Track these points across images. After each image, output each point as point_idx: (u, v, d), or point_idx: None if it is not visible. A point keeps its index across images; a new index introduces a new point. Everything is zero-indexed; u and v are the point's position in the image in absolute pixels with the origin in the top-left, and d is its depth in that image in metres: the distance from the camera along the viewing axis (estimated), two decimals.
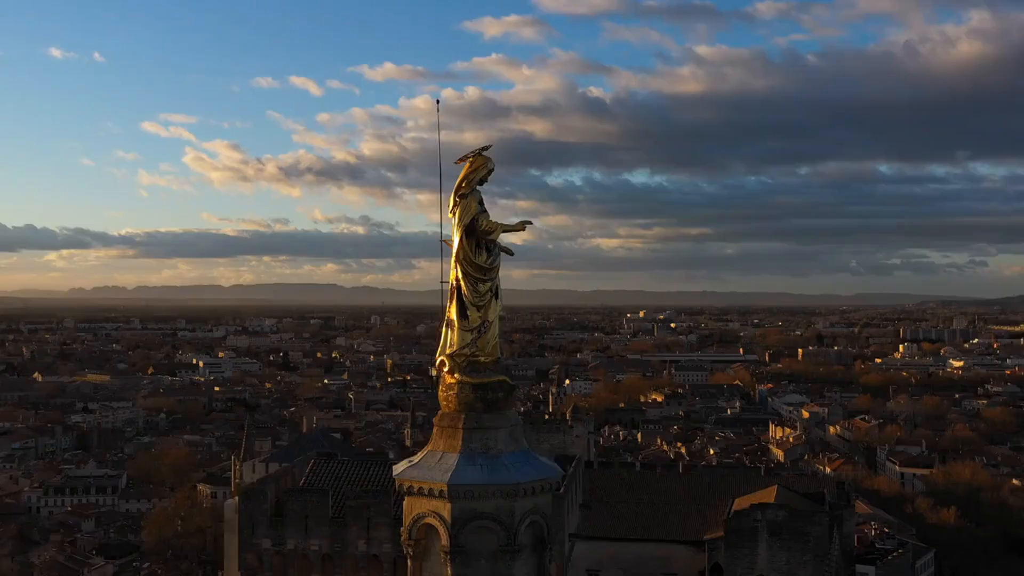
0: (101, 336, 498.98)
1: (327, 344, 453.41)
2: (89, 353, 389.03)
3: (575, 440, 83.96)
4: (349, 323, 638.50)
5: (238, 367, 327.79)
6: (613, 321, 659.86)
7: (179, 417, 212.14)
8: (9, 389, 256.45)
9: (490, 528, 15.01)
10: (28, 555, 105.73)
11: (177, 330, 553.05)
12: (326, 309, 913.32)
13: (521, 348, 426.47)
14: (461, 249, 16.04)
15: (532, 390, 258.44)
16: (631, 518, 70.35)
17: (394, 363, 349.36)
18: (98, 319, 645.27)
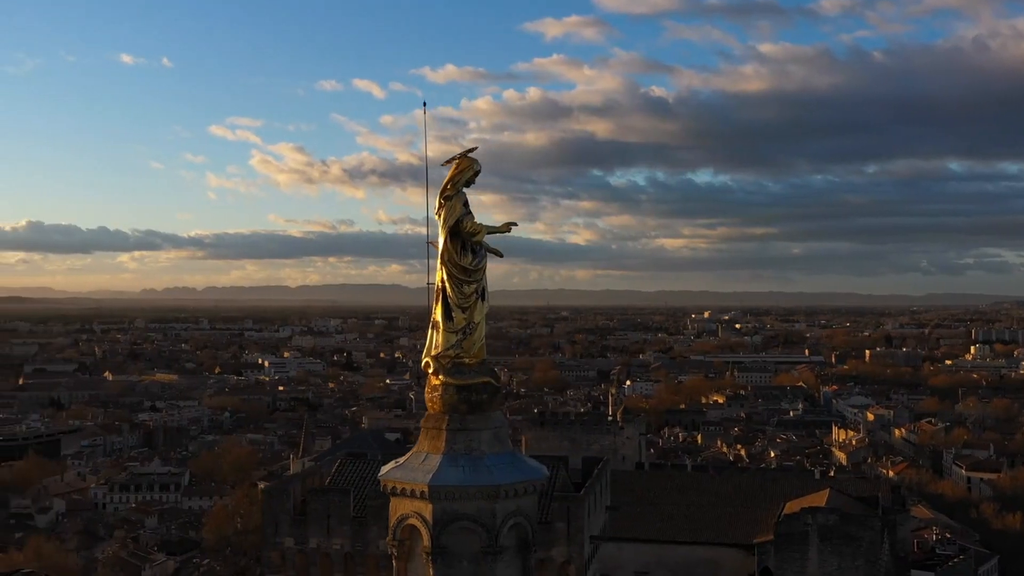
0: (171, 336, 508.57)
1: (390, 344, 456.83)
2: (158, 353, 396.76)
3: (626, 441, 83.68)
4: (413, 323, 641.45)
5: (302, 367, 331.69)
6: (677, 322, 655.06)
7: (243, 416, 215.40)
8: (81, 388, 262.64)
9: (471, 529, 15.01)
10: (93, 550, 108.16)
11: (244, 330, 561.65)
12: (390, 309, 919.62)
13: (583, 349, 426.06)
14: (446, 251, 16.07)
15: (593, 391, 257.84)
16: (680, 520, 69.97)
17: None
18: (168, 319, 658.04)
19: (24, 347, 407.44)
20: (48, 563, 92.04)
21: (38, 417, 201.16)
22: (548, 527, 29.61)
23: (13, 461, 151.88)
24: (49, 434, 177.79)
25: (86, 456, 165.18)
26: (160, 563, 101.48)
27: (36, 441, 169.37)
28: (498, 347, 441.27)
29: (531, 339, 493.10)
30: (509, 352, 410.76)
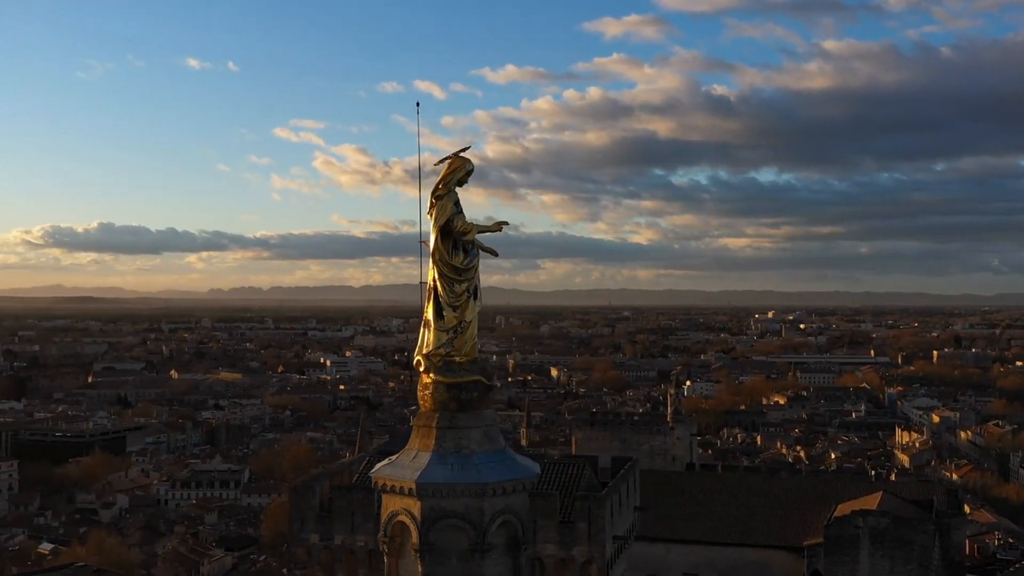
0: (236, 335, 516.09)
1: None
2: (224, 352, 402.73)
3: (676, 442, 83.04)
4: None
5: (363, 366, 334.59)
6: (740, 322, 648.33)
7: (303, 415, 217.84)
8: (147, 386, 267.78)
9: (459, 527, 15.07)
10: (154, 545, 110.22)
11: (307, 330, 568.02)
12: None
13: (644, 349, 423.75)
14: (436, 250, 16.14)
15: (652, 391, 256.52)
16: (729, 521, 69.20)
17: (516, 363, 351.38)
18: (234, 319, 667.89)
19: (94, 346, 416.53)
20: (109, 557, 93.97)
21: (105, 414, 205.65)
22: (570, 527, 29.55)
23: (80, 457, 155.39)
24: (115, 431, 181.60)
25: (150, 453, 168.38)
26: (218, 559, 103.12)
27: (103, 438, 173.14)
28: (559, 347, 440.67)
29: (592, 339, 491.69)
30: (569, 352, 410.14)
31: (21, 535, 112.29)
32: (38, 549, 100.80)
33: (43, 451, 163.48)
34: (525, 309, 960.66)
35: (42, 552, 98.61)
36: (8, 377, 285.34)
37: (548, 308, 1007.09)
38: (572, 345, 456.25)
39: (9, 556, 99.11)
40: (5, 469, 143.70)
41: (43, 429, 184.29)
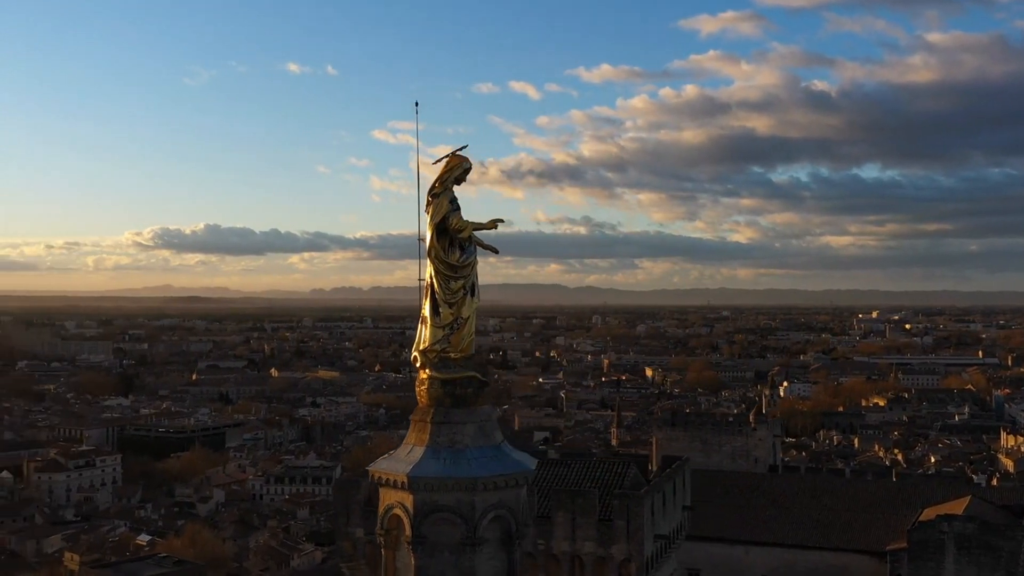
0: (336, 334, 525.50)
1: (547, 343, 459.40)
2: (323, 350, 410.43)
3: (758, 443, 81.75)
4: (570, 323, 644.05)
5: None
6: (843, 322, 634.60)
7: (397, 413, 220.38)
8: (248, 384, 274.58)
9: (451, 521, 15.25)
10: (247, 539, 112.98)
11: (406, 329, 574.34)
12: (549, 309, 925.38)
13: (742, 349, 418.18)
14: (432, 247, 16.36)
15: (748, 392, 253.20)
16: (811, 524, 68.03)
17: (611, 363, 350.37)
18: (334, 318, 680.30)
19: (200, 344, 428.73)
20: (203, 549, 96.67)
21: (207, 411, 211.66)
22: (608, 525, 29.53)
23: (181, 452, 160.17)
24: (215, 427, 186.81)
25: (247, 449, 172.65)
26: (308, 553, 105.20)
27: (203, 434, 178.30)
28: (655, 347, 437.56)
29: (689, 339, 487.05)
30: (666, 352, 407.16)
31: (123, 527, 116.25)
32: (136, 540, 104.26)
33: (147, 446, 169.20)
34: (622, 309, 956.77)
35: (140, 543, 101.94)
36: (117, 374, 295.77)
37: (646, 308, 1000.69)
38: (668, 345, 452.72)
39: (110, 546, 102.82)
40: (109, 463, 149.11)
41: (147, 425, 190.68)
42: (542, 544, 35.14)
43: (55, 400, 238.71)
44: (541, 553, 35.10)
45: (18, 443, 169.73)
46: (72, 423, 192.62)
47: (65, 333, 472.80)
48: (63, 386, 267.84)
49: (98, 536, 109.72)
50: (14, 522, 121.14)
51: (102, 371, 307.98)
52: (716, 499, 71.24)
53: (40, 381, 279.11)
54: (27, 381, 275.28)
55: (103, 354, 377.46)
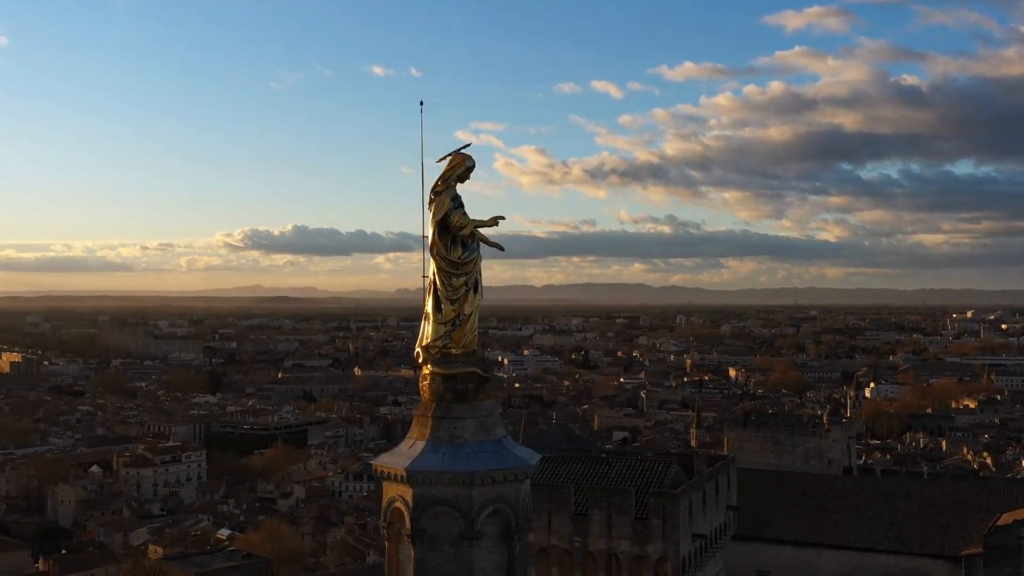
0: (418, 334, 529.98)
1: (630, 343, 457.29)
2: (407, 349, 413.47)
3: (832, 444, 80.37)
4: (654, 323, 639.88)
5: (540, 364, 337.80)
6: (936, 322, 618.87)
7: None
8: (332, 382, 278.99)
9: (449, 514, 15.43)
10: (324, 535, 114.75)
11: (488, 328, 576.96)
12: (633, 309, 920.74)
13: (829, 349, 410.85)
14: (434, 244, 16.57)
15: (834, 393, 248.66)
16: (884, 527, 66.65)
17: (694, 363, 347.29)
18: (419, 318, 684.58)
19: (287, 343, 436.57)
20: (280, 544, 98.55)
21: (291, 409, 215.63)
22: (644, 524, 29.30)
23: (264, 449, 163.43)
24: (298, 425, 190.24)
25: (329, 446, 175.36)
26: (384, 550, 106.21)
27: (286, 431, 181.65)
28: (739, 347, 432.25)
29: (775, 339, 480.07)
30: (750, 352, 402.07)
31: (205, 521, 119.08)
32: (217, 535, 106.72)
33: (231, 442, 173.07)
34: (707, 308, 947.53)
35: (220, 538, 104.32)
36: (206, 373, 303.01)
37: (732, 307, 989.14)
38: (753, 345, 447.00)
39: (191, 540, 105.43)
40: (195, 459, 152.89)
41: (233, 422, 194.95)
42: (578, 542, 35.23)
43: (146, 397, 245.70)
44: (578, 551, 35.18)
45: (109, 439, 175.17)
46: (161, 420, 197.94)
47: (158, 332, 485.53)
48: (154, 384, 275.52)
49: (181, 530, 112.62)
50: (103, 515, 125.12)
51: (192, 369, 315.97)
52: (787, 501, 70.27)
53: (133, 379, 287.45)
54: (120, 379, 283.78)
55: (193, 353, 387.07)
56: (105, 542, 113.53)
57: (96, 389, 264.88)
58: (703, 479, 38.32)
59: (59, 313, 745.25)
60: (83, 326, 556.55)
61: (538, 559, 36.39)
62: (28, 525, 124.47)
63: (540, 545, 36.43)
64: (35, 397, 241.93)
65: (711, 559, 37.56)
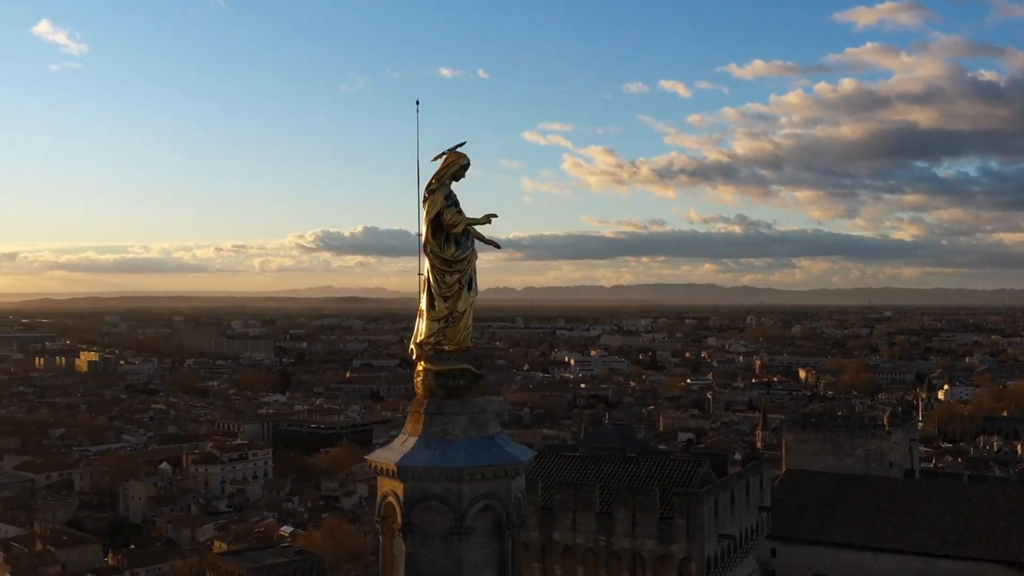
0: (487, 334, 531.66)
1: (698, 344, 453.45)
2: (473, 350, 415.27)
3: (893, 447, 78.83)
4: (724, 323, 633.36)
5: (607, 365, 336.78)
6: (1016, 323, 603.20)
7: (541, 412, 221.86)
8: (399, 382, 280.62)
9: (439, 509, 15.53)
10: None
11: (556, 329, 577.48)
12: (703, 309, 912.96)
13: (902, 351, 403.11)
14: (428, 242, 16.68)
15: (906, 395, 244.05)
16: (945, 532, 65.23)
17: (763, 364, 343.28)
18: (487, 318, 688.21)
19: (356, 343, 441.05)
20: (340, 542, 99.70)
21: (358, 408, 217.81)
22: (669, 523, 29.03)
23: (329, 448, 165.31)
24: (363, 424, 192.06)
25: None
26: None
27: (351, 430, 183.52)
28: (810, 348, 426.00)
29: (847, 340, 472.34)
30: (822, 353, 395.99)
31: (270, 518, 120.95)
32: (279, 531, 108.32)
33: (298, 441, 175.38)
34: (779, 309, 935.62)
35: (282, 534, 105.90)
36: (276, 372, 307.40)
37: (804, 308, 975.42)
38: (825, 346, 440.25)
39: (255, 536, 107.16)
40: (261, 457, 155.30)
41: (300, 420, 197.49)
42: (603, 540, 35.06)
43: (217, 396, 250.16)
44: (603, 549, 35.01)
45: (180, 436, 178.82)
46: (231, 418, 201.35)
47: (231, 332, 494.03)
48: (226, 383, 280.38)
49: (246, 526, 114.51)
50: (172, 511, 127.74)
51: (263, 369, 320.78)
52: (845, 504, 69.18)
53: (205, 378, 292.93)
54: (193, 378, 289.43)
55: (264, 352, 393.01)
56: (173, 537, 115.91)
57: (169, 388, 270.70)
58: (730, 479, 37.93)
59: (136, 313, 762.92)
60: (159, 326, 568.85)
61: (563, 557, 36.37)
62: (101, 520, 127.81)
63: (565, 543, 36.43)
64: (111, 395, 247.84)
65: (741, 560, 37.15)
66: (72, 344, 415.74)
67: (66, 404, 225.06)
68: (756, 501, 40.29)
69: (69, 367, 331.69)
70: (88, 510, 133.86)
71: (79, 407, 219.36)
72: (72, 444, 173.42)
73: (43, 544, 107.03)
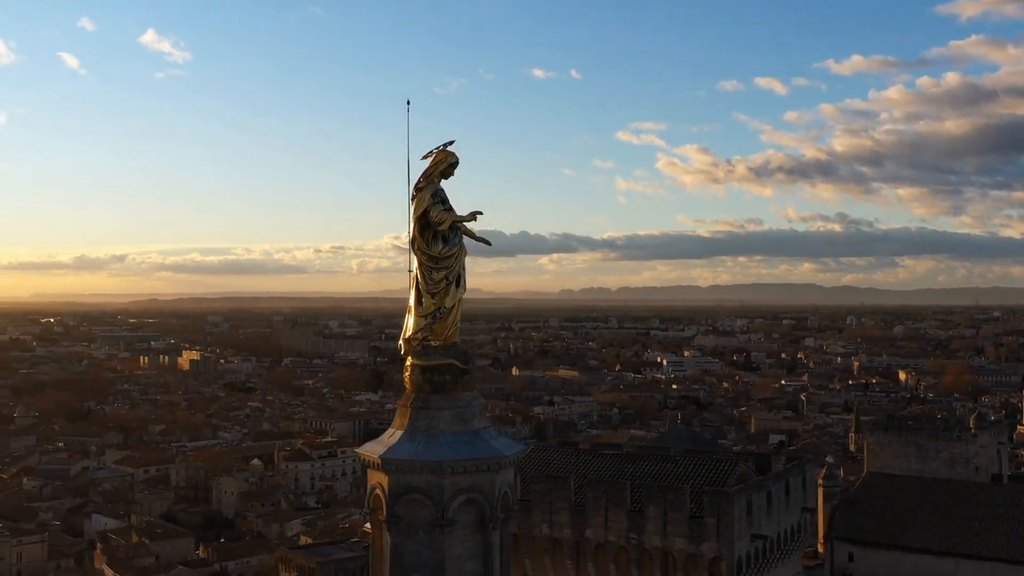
0: (580, 335, 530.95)
1: (795, 345, 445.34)
2: (566, 350, 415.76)
3: (980, 450, 76.51)
4: (823, 324, 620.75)
5: (699, 366, 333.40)
6: None
7: (630, 412, 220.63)
8: (488, 381, 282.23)
9: (422, 502, 15.76)
10: None
11: (650, 329, 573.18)
12: (802, 310, 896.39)
13: (1009, 352, 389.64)
14: (416, 240, 16.94)
15: (1011, 398, 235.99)
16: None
17: (861, 365, 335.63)
18: (580, 319, 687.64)
19: None
20: None
21: None
22: (699, 522, 28.66)
23: None
24: None
25: None
26: None
27: None
28: (912, 349, 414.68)
29: (951, 341, 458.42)
30: (924, 355, 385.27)
31: (356, 515, 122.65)
32: (364, 527, 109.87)
33: None
34: (881, 309, 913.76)
35: (366, 531, 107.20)
36: (370, 371, 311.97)
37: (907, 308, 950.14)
38: (928, 347, 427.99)
39: (340, 532, 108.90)
40: (350, 454, 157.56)
41: (389, 419, 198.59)
42: (634, 538, 34.79)
43: (312, 394, 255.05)
44: (634, 547, 34.74)
45: (273, 433, 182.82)
46: (323, 416, 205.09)
47: (328, 332, 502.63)
48: (321, 381, 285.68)
49: (332, 522, 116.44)
50: (262, 506, 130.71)
51: (357, 368, 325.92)
52: (927, 508, 67.57)
53: (301, 377, 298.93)
54: (290, 376, 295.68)
55: (359, 352, 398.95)
56: (263, 532, 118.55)
57: (266, 386, 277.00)
58: (767, 479, 37.29)
59: (238, 314, 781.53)
60: (259, 326, 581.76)
61: (596, 555, 36.26)
62: (195, 514, 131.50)
63: (597, 541, 36.33)
64: (210, 393, 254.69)
65: (780, 561, 36.47)
66: (175, 343, 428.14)
67: (167, 401, 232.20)
68: (798, 502, 39.57)
69: (172, 366, 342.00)
70: (183, 504, 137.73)
71: (179, 404, 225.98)
72: (171, 440, 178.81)
73: (139, 536, 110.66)
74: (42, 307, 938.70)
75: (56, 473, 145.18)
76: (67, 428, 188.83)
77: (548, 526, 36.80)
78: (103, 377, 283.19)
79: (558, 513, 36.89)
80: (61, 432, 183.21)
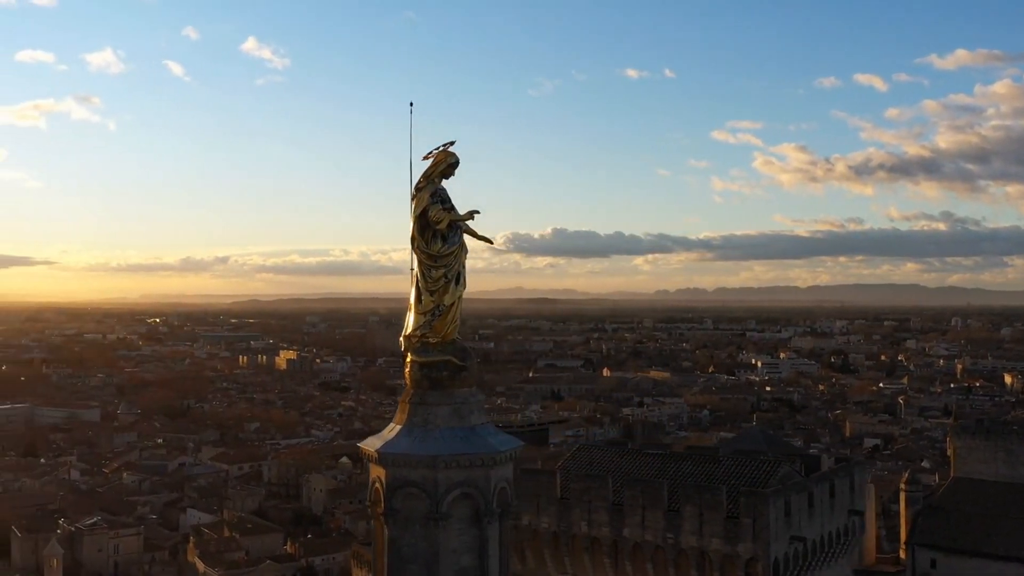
0: (674, 335, 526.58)
1: (896, 347, 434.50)
2: (659, 351, 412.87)
3: None
4: (926, 325, 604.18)
5: (795, 368, 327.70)
6: None
7: (722, 415, 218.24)
8: (580, 382, 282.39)
9: (417, 496, 16.03)
10: None
11: (746, 331, 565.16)
12: (905, 311, 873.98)
13: None
14: (415, 239, 17.22)
15: None
16: None
17: (964, 368, 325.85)
18: (675, 319, 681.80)
19: (542, 344, 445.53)
20: None
21: (537, 407, 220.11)
22: (735, 523, 28.17)
23: None
24: (540, 423, 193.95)
25: (566, 445, 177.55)
26: None
27: (528, 429, 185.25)
28: (1020, 352, 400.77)
29: None
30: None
31: None
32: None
33: None
34: (988, 310, 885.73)
35: None
36: None
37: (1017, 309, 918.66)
38: None
39: None
40: None
41: None
42: (671, 538, 34.47)
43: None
44: (671, 547, 34.40)
45: (364, 432, 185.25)
46: None
47: None
48: None
49: None
50: (350, 504, 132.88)
51: None
52: (1014, 515, 65.43)
53: (394, 377, 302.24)
54: (383, 376, 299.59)
55: None
56: (350, 529, 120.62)
57: (360, 385, 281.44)
58: (808, 480, 36.62)
59: (336, 314, 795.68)
60: (356, 326, 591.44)
61: (633, 554, 36.05)
62: (285, 510, 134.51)
63: (635, 540, 36.13)
64: (305, 392, 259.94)
65: (825, 564, 35.73)
66: (274, 343, 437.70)
67: (263, 400, 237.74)
68: (845, 504, 38.74)
69: (269, 365, 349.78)
70: (274, 500, 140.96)
71: (275, 403, 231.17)
72: (265, 438, 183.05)
73: (230, 531, 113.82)
74: (149, 307, 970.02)
75: (155, 468, 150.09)
76: (167, 425, 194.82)
77: (587, 524, 36.87)
78: (203, 376, 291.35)
79: (596, 512, 36.92)
80: (161, 429, 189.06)
